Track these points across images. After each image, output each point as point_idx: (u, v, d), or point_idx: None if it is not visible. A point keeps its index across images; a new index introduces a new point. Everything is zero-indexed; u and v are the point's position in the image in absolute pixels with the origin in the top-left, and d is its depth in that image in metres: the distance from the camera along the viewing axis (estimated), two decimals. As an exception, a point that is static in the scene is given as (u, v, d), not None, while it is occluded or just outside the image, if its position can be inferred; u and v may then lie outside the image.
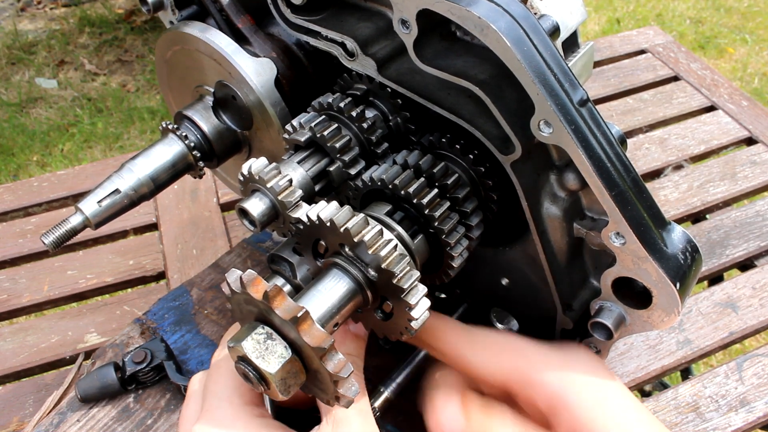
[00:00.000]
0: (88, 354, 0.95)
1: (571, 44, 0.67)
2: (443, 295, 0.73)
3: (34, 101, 2.88)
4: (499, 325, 0.73)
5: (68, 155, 2.60)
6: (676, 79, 1.48)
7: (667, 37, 1.60)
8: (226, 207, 1.19)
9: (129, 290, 1.08)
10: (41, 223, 1.17)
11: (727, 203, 1.20)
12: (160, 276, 1.09)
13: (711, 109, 1.39)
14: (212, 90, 0.71)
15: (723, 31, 3.24)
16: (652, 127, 1.36)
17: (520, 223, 0.62)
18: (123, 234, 1.16)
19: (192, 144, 0.69)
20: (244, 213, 0.58)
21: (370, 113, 0.63)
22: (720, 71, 2.64)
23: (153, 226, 1.17)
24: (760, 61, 3.04)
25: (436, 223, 0.56)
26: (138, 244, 1.13)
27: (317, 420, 0.60)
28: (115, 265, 1.09)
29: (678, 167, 1.26)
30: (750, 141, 1.32)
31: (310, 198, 0.61)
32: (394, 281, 0.50)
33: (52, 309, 1.06)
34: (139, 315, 0.88)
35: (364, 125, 0.61)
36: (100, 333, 0.99)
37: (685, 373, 1.21)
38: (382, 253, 0.50)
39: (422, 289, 0.51)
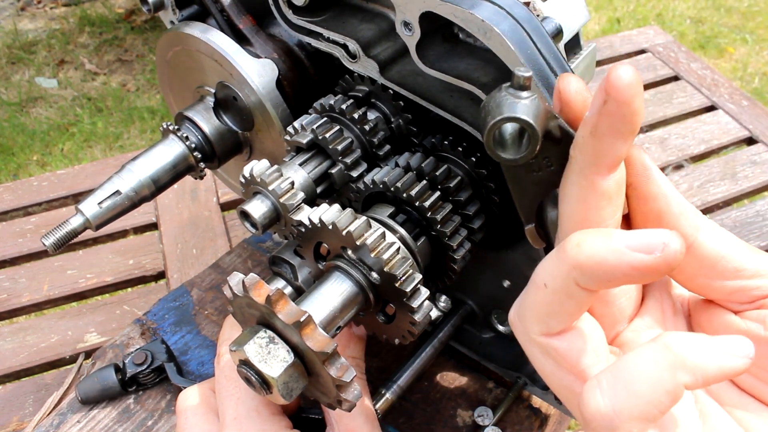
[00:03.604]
0: (88, 354, 0.95)
1: (574, 46, 0.67)
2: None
3: (34, 101, 2.87)
4: (501, 327, 0.73)
5: (68, 155, 2.59)
6: (676, 78, 1.48)
7: (667, 36, 1.60)
8: (226, 207, 1.19)
9: (129, 290, 1.08)
10: (41, 223, 1.17)
11: (727, 203, 1.20)
12: (160, 276, 1.08)
13: (711, 108, 1.39)
14: (213, 91, 0.71)
15: (723, 31, 3.24)
16: (652, 126, 1.36)
17: (522, 226, 0.62)
18: (123, 233, 1.16)
19: (193, 145, 0.69)
20: (245, 215, 0.58)
21: (372, 115, 0.62)
22: (720, 71, 2.64)
23: (153, 226, 1.17)
24: (761, 61, 3.04)
25: (438, 226, 0.56)
26: (138, 244, 1.13)
27: (315, 422, 0.60)
28: (115, 265, 1.09)
29: (678, 167, 1.26)
30: (750, 141, 1.32)
31: (311, 200, 0.61)
32: (397, 284, 0.50)
33: (52, 309, 1.06)
34: (139, 315, 0.88)
35: (366, 127, 0.61)
36: (100, 333, 0.99)
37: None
38: (385, 256, 0.50)
39: (425, 292, 0.51)
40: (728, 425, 0.39)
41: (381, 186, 0.58)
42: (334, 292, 0.51)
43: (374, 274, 0.51)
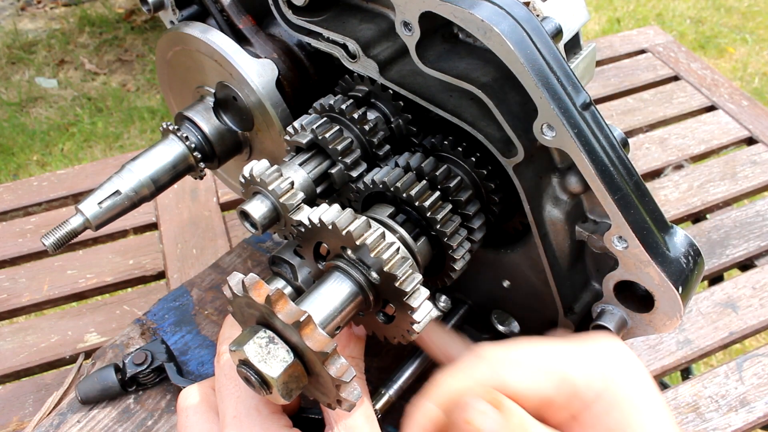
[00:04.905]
0: (88, 354, 0.95)
1: (573, 46, 0.67)
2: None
3: (34, 101, 2.88)
4: (501, 327, 0.73)
5: (68, 155, 2.59)
6: (676, 78, 1.48)
7: (667, 36, 1.60)
8: (226, 207, 1.19)
9: (129, 290, 1.08)
10: (41, 223, 1.17)
11: (727, 203, 1.20)
12: (160, 276, 1.08)
13: (711, 108, 1.39)
14: (213, 91, 0.71)
15: (723, 31, 3.24)
16: (652, 126, 1.36)
17: (521, 226, 0.62)
18: (123, 233, 1.16)
19: (193, 145, 0.69)
20: (245, 215, 0.58)
21: (371, 115, 0.62)
22: (720, 71, 2.64)
23: (153, 226, 1.17)
24: (761, 61, 3.04)
25: (438, 226, 0.56)
26: (138, 244, 1.13)
27: (314, 422, 0.60)
28: (115, 265, 1.09)
29: (678, 167, 1.26)
30: (750, 141, 1.32)
31: (311, 200, 0.61)
32: (397, 284, 0.50)
33: (52, 309, 1.06)
34: (139, 315, 0.88)
35: (366, 127, 0.61)
36: (100, 333, 0.99)
37: (685, 373, 1.21)
38: (385, 255, 0.50)
39: (424, 292, 0.51)
40: None
41: (381, 186, 0.58)
42: (333, 292, 0.51)
43: (374, 274, 0.51)
